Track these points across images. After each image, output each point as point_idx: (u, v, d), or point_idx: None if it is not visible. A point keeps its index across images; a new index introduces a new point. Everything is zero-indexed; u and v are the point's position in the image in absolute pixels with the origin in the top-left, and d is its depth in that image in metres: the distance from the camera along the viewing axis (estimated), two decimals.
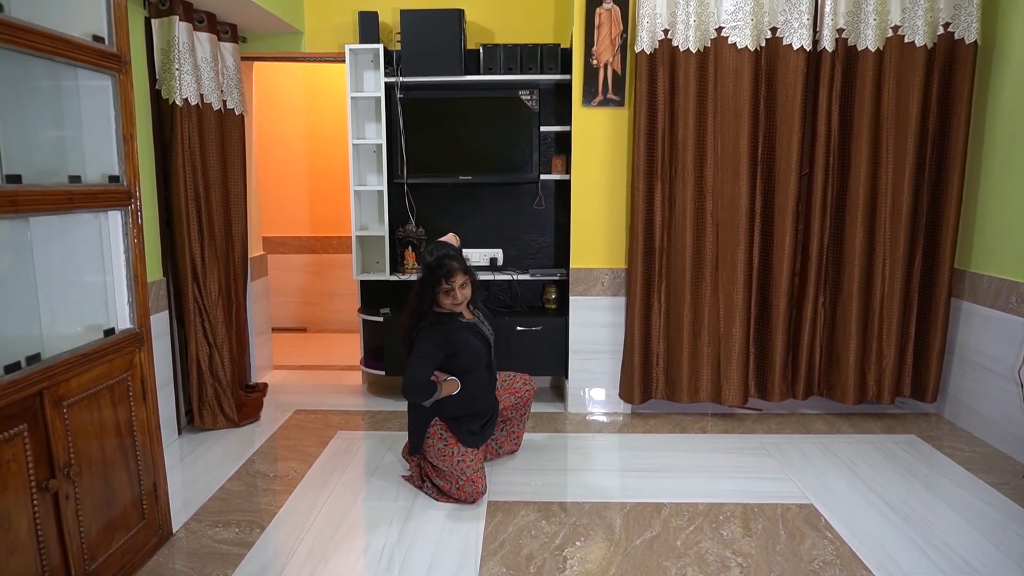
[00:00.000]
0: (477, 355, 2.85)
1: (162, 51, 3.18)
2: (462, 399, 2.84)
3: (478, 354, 2.85)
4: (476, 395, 2.89)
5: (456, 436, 2.81)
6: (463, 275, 2.79)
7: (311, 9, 4.04)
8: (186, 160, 3.27)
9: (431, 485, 2.85)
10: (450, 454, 2.77)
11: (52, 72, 2.08)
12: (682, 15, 3.34)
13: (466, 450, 2.79)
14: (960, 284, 3.52)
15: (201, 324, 3.42)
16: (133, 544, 2.27)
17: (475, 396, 2.89)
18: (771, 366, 3.61)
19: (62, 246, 2.15)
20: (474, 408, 2.89)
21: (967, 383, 3.50)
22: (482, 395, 2.92)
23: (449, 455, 2.77)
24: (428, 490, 2.85)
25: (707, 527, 2.57)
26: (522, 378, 3.19)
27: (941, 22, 3.31)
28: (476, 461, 2.80)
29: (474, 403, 2.89)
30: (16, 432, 1.75)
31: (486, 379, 2.94)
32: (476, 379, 2.88)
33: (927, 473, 3.04)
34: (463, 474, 2.73)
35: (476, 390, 2.89)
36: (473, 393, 2.87)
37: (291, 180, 5.64)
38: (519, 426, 3.21)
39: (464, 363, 2.83)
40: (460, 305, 2.82)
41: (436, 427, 2.82)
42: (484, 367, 2.91)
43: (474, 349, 2.84)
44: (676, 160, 3.46)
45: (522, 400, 3.16)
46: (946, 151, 3.41)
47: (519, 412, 3.19)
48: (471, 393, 2.87)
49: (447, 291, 2.76)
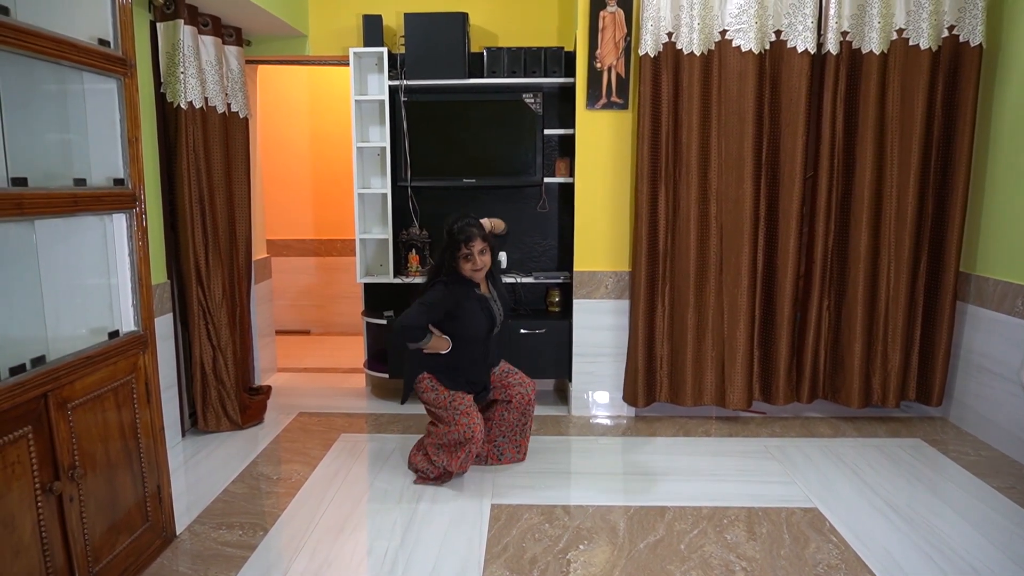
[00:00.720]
0: (476, 326, 2.89)
1: (167, 54, 3.19)
2: (451, 364, 2.90)
3: (478, 325, 2.89)
4: (466, 366, 2.93)
5: (444, 386, 2.90)
6: (482, 242, 2.84)
7: (315, 13, 4.05)
8: (190, 163, 3.28)
9: (429, 461, 2.93)
10: (443, 398, 2.88)
11: (58, 75, 2.08)
12: (686, 18, 3.34)
13: (456, 392, 2.89)
14: (965, 287, 3.51)
15: (205, 327, 3.43)
16: (137, 546, 2.27)
17: (465, 367, 2.93)
18: (775, 369, 3.60)
19: (67, 249, 2.16)
20: (467, 374, 2.95)
21: (973, 387, 3.48)
22: (472, 368, 2.96)
23: (442, 399, 2.88)
24: (430, 470, 2.93)
25: (711, 531, 2.57)
26: (521, 376, 3.17)
27: (946, 25, 3.31)
28: (468, 400, 2.89)
29: (463, 372, 2.93)
30: (21, 434, 1.75)
31: (480, 355, 2.97)
32: (470, 350, 2.93)
33: (932, 477, 3.03)
34: (457, 410, 2.84)
35: (467, 361, 2.94)
36: (463, 363, 2.92)
37: (295, 183, 5.65)
38: (521, 434, 3.18)
39: (462, 329, 2.88)
40: (480, 272, 2.88)
41: (427, 380, 2.90)
42: (481, 343, 2.94)
43: (475, 319, 2.88)
44: (680, 163, 3.46)
45: (519, 406, 3.12)
46: (951, 154, 3.40)
47: (520, 420, 3.15)
48: (462, 362, 2.91)
49: (466, 256, 2.82)
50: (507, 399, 3.10)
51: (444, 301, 2.83)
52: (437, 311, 2.83)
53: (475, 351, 2.95)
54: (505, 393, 3.10)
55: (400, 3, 3.96)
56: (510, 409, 3.11)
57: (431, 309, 2.82)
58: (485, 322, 2.91)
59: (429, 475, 2.96)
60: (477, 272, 2.87)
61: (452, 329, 2.90)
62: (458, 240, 2.81)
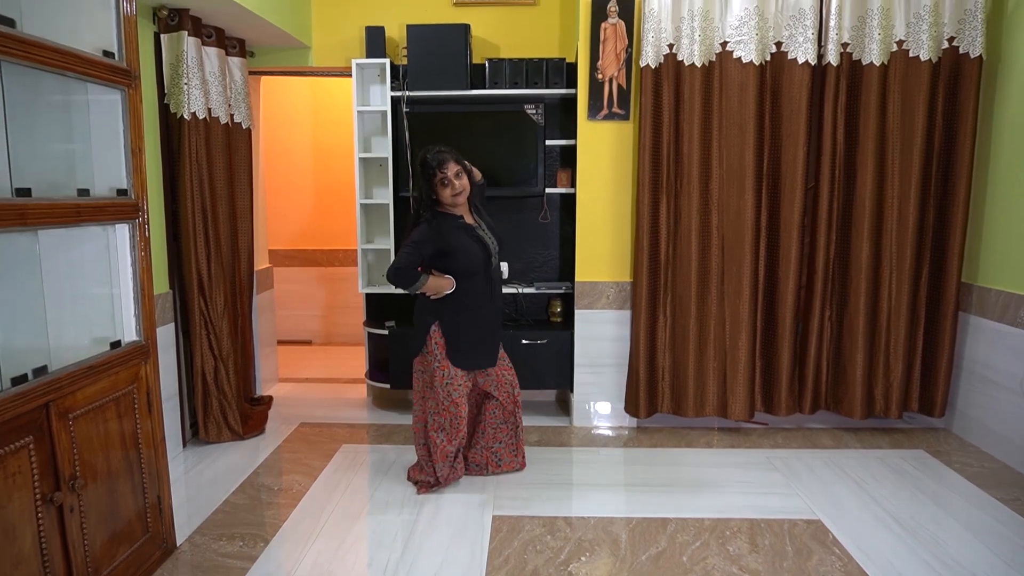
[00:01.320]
0: (473, 257, 2.83)
1: (171, 66, 3.21)
2: (462, 304, 2.85)
3: (473, 256, 2.82)
4: (475, 304, 2.87)
5: (448, 348, 2.85)
6: (456, 164, 2.79)
7: (318, 24, 4.08)
8: (193, 173, 3.29)
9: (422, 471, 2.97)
10: (441, 375, 2.85)
11: (62, 86, 2.10)
12: (687, 30, 3.36)
13: (456, 372, 2.86)
14: (967, 298, 3.51)
15: (207, 336, 3.43)
16: (137, 557, 2.26)
17: (474, 304, 2.87)
18: (777, 380, 3.59)
19: (70, 259, 2.16)
20: (475, 320, 2.88)
21: (976, 397, 3.47)
22: (481, 305, 2.90)
23: (440, 375, 2.85)
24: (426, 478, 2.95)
25: (713, 543, 2.55)
26: (510, 371, 3.10)
27: (946, 36, 3.32)
28: (464, 387, 2.90)
29: (474, 313, 2.88)
30: (22, 444, 1.75)
31: (485, 289, 2.90)
32: (475, 285, 2.87)
33: (936, 488, 3.01)
34: (449, 396, 2.85)
35: (474, 298, 2.87)
36: (471, 301, 2.87)
37: (297, 193, 5.67)
38: (515, 436, 3.17)
39: (460, 264, 2.82)
40: (460, 196, 2.80)
41: (435, 336, 2.86)
42: (483, 275, 2.88)
43: (470, 250, 2.82)
44: (681, 174, 3.47)
45: (507, 403, 3.09)
46: (952, 164, 3.41)
47: (511, 416, 3.13)
48: (470, 299, 2.86)
49: (443, 181, 2.76)
50: (496, 396, 3.08)
51: (431, 236, 2.77)
52: (425, 248, 2.77)
53: (479, 286, 2.87)
54: (496, 387, 3.06)
55: (403, 15, 3.98)
56: (500, 406, 3.11)
57: (418, 247, 2.76)
58: (479, 251, 2.83)
59: (429, 482, 2.96)
60: (457, 196, 2.79)
61: (451, 267, 2.83)
62: (432, 167, 2.76)
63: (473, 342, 2.90)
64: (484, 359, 2.96)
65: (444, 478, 2.94)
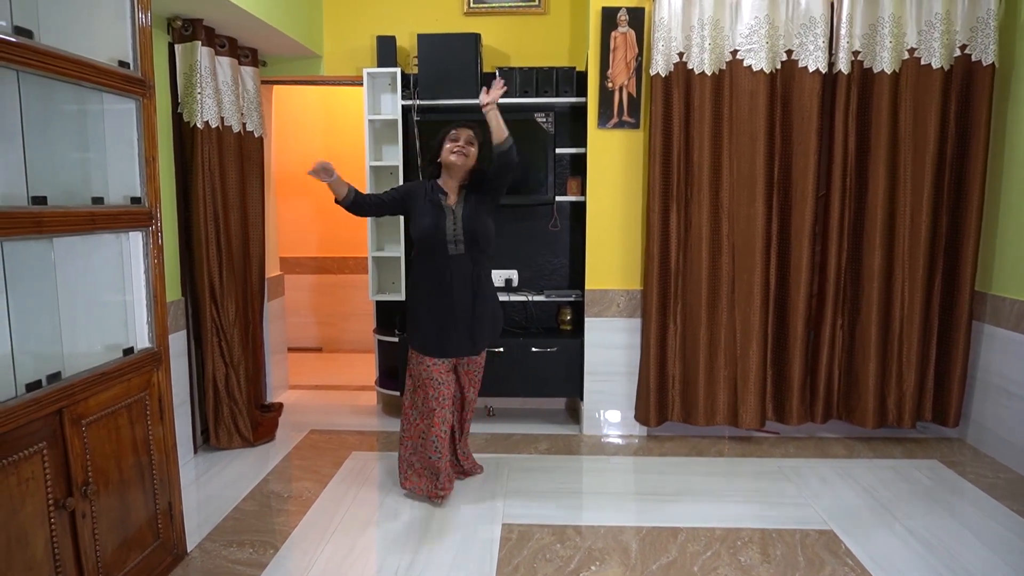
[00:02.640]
0: (422, 229, 2.79)
1: (184, 75, 3.25)
2: (414, 282, 2.90)
3: (423, 229, 2.79)
4: (426, 288, 2.85)
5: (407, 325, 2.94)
6: (474, 136, 2.84)
7: (330, 34, 4.11)
8: (206, 182, 3.32)
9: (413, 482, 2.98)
10: (418, 362, 2.89)
11: (78, 96, 2.12)
12: (697, 38, 3.36)
13: (433, 360, 2.86)
14: (981, 307, 3.48)
15: (218, 344, 3.45)
16: (148, 564, 2.27)
17: (425, 288, 2.85)
18: (789, 389, 3.57)
19: (84, 266, 2.18)
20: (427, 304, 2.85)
21: (990, 407, 3.44)
22: (431, 291, 2.84)
23: (418, 363, 2.89)
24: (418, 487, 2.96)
25: (724, 553, 2.53)
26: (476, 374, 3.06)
27: (958, 44, 3.31)
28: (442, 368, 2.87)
29: (426, 297, 2.85)
30: (36, 450, 1.77)
31: (439, 275, 2.81)
32: (427, 266, 2.84)
33: (950, 499, 2.98)
34: (431, 378, 2.85)
35: (426, 280, 2.85)
36: (424, 283, 2.85)
37: (309, 201, 5.70)
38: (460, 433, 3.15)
39: (412, 230, 2.86)
40: (457, 157, 2.79)
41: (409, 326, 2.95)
42: (437, 257, 2.81)
43: (422, 221, 2.80)
44: (692, 182, 3.47)
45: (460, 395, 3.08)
46: (965, 172, 3.39)
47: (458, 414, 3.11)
48: (422, 280, 2.86)
49: (453, 136, 2.81)
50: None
51: (406, 188, 2.90)
52: (397, 192, 2.88)
53: (431, 272, 2.82)
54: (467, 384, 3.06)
55: (413, 24, 4.01)
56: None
57: (392, 190, 2.90)
58: (428, 225, 2.78)
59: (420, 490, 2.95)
60: (454, 156, 2.78)
61: (409, 231, 2.90)
62: (450, 127, 2.84)
63: (425, 326, 2.86)
64: (439, 348, 2.86)
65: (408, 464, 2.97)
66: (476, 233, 2.81)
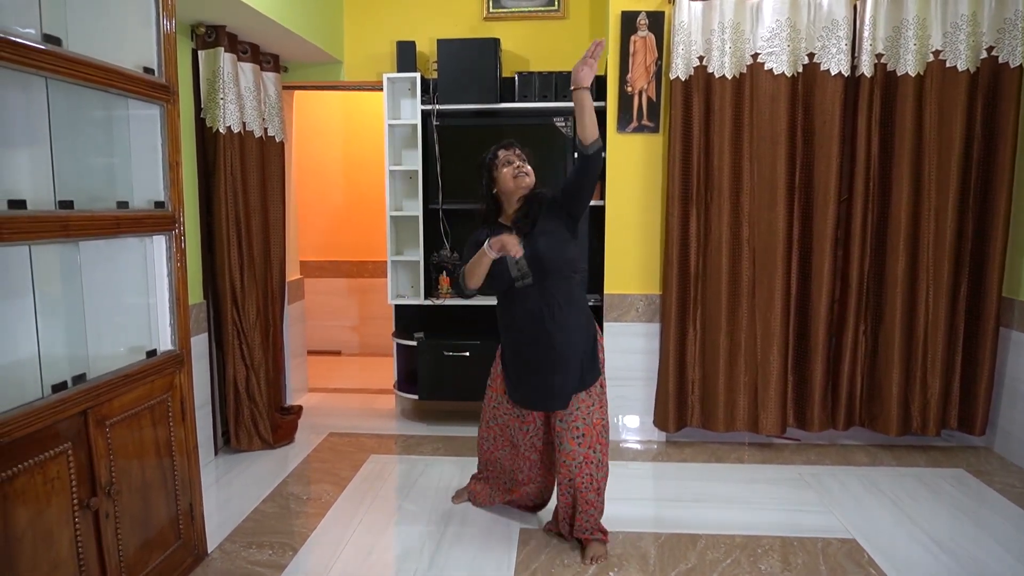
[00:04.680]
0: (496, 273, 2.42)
1: (207, 81, 3.29)
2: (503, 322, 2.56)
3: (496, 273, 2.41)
4: (507, 325, 2.54)
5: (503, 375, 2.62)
6: (520, 150, 2.51)
7: (350, 39, 4.14)
8: (228, 186, 3.36)
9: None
10: (489, 396, 2.73)
11: (104, 102, 2.16)
12: (717, 42, 3.34)
13: (503, 399, 2.64)
14: (1009, 313, 3.41)
15: (239, 346, 3.48)
16: (169, 564, 2.29)
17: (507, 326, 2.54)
18: (810, 395, 3.52)
19: (109, 269, 2.22)
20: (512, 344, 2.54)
21: (1018, 416, 3.37)
22: (508, 327, 2.53)
23: (489, 397, 2.73)
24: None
25: (744, 560, 2.51)
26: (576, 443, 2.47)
27: (984, 46, 3.26)
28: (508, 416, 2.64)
29: (509, 336, 2.55)
30: (61, 450, 1.79)
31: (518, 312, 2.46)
32: (506, 304, 2.52)
33: (976, 509, 2.93)
34: (484, 421, 2.77)
35: (507, 319, 2.53)
36: (506, 322, 2.54)
37: (329, 205, 5.74)
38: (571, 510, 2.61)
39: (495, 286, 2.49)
40: (523, 179, 2.44)
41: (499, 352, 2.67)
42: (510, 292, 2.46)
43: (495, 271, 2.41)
44: (711, 186, 3.44)
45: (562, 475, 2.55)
46: (992, 176, 3.33)
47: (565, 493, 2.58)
48: (505, 319, 2.54)
49: (505, 161, 2.46)
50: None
51: (470, 245, 2.48)
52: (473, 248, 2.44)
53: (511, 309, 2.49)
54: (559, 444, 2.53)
55: (433, 29, 4.03)
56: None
57: (470, 246, 2.48)
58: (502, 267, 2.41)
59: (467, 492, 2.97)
60: (519, 179, 2.44)
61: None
62: (490, 156, 2.50)
63: (516, 372, 2.56)
64: (527, 398, 2.54)
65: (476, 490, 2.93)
66: (543, 255, 2.39)
